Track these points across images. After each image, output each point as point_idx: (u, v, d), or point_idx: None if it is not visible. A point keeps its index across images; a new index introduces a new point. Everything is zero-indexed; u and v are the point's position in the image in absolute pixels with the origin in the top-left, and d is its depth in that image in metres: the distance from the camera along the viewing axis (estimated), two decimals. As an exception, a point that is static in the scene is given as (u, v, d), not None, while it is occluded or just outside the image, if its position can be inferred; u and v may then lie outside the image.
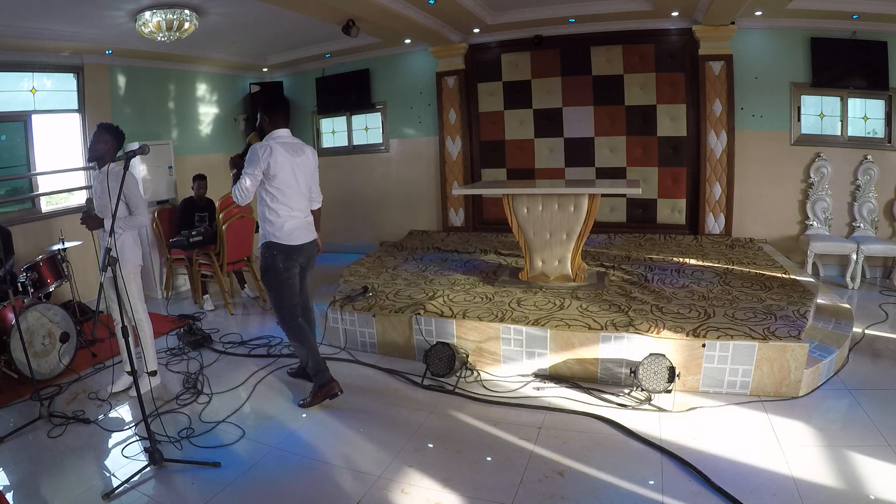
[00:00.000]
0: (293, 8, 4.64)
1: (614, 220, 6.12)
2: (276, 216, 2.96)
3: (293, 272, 3.05)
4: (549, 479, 2.32)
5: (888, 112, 5.19)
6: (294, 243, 3.00)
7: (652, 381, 2.88)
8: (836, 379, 3.09)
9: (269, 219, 2.98)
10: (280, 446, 2.66)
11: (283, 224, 2.96)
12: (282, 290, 3.02)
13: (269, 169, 2.87)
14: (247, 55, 6.74)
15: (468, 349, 3.45)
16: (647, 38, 5.69)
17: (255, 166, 2.85)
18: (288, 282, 3.02)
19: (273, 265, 3.00)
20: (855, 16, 4.78)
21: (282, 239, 2.97)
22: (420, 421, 2.86)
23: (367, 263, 5.21)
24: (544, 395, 3.07)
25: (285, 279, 3.01)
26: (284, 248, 2.98)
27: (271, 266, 3.00)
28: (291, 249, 3.00)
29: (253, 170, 2.85)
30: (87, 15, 4.40)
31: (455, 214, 6.72)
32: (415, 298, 3.94)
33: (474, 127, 6.55)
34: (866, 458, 2.32)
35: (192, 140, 6.65)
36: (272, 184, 2.91)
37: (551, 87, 6.13)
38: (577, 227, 4.05)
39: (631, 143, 5.94)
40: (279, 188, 2.92)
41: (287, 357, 3.77)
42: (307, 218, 3.12)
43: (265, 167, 2.86)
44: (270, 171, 2.87)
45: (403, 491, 2.28)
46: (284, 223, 2.96)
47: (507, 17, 5.69)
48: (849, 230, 5.35)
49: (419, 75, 6.68)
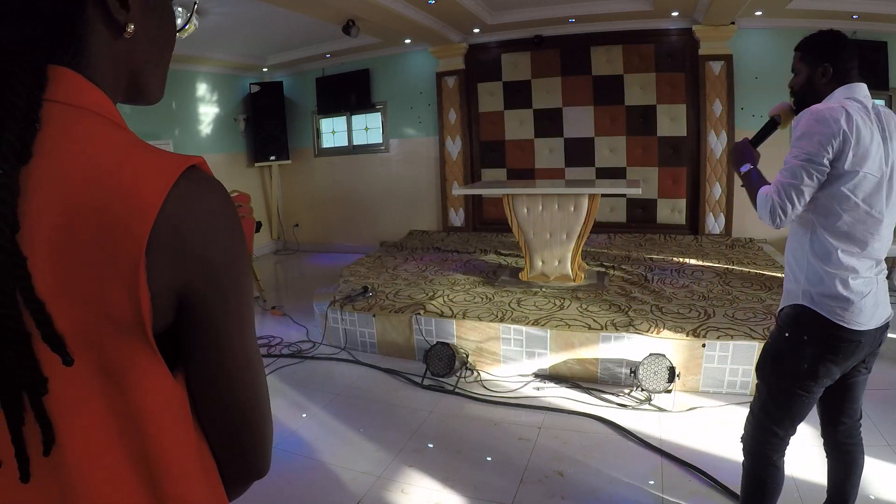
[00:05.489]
0: (293, 8, 4.64)
1: (614, 220, 6.12)
2: (828, 260, 1.52)
3: (824, 382, 1.57)
4: (549, 479, 2.32)
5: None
6: (851, 325, 1.50)
7: (652, 381, 2.88)
8: (837, 379, 3.08)
9: (812, 261, 1.55)
10: (280, 446, 2.66)
11: (839, 279, 1.50)
12: (784, 408, 1.61)
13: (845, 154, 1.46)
14: (247, 55, 6.74)
15: (468, 349, 3.46)
16: (647, 38, 5.68)
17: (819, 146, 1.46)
18: (804, 398, 1.58)
19: (791, 356, 1.57)
20: (855, 16, 4.78)
21: (827, 310, 1.51)
22: (420, 421, 2.86)
23: (367, 263, 5.21)
24: (544, 395, 3.07)
25: (804, 393, 1.57)
26: (827, 332, 1.52)
27: (787, 356, 1.59)
28: (840, 338, 1.51)
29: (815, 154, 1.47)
30: None
31: (455, 214, 6.72)
32: (415, 298, 3.94)
33: (474, 127, 6.55)
34: (866, 458, 2.31)
35: (192, 140, 6.65)
36: (844, 186, 1.48)
37: (551, 87, 6.13)
38: (577, 227, 4.05)
39: (631, 143, 5.94)
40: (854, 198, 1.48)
41: (287, 357, 3.77)
42: (883, 270, 1.59)
43: (838, 148, 1.46)
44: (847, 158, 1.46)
45: (403, 491, 2.28)
46: (844, 278, 1.50)
47: (507, 17, 5.69)
48: (849, 230, 5.34)
49: (419, 75, 6.68)
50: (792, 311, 1.61)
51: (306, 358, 3.77)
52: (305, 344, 3.99)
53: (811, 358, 1.55)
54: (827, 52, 1.63)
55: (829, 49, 1.64)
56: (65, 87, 0.52)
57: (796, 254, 1.63)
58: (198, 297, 0.53)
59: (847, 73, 1.62)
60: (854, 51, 1.63)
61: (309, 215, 7.69)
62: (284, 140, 7.32)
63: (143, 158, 0.50)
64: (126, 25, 0.56)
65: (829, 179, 1.50)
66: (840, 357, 1.55)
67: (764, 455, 1.66)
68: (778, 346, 1.63)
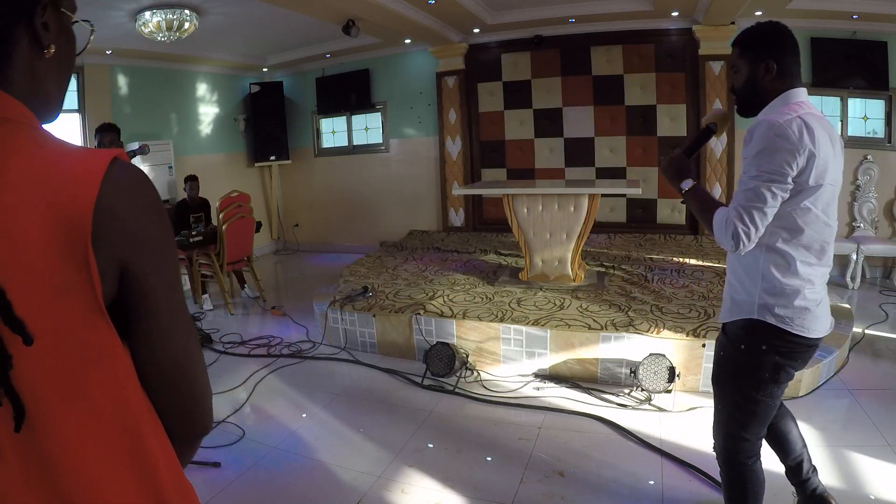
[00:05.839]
0: (293, 8, 4.64)
1: (614, 220, 6.12)
2: (787, 270, 1.49)
3: (783, 388, 1.61)
4: (549, 479, 2.32)
5: (888, 112, 5.18)
6: (809, 334, 1.52)
7: (652, 381, 2.88)
8: (836, 379, 3.09)
9: (769, 272, 1.51)
10: (280, 446, 2.66)
11: (797, 290, 1.49)
12: (751, 416, 1.61)
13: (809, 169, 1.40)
14: (247, 55, 6.74)
15: (468, 349, 3.46)
16: (647, 38, 5.69)
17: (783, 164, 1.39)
18: (768, 403, 1.59)
19: (752, 367, 1.56)
20: (855, 16, 4.78)
21: (788, 321, 1.50)
22: (420, 421, 2.86)
23: (367, 263, 5.21)
24: (544, 395, 3.07)
25: (767, 398, 1.58)
26: (787, 342, 1.52)
27: (747, 368, 1.57)
28: (798, 345, 1.53)
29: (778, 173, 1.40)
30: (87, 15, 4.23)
31: (455, 214, 6.72)
32: (415, 298, 3.94)
33: (474, 127, 6.55)
34: (866, 458, 2.32)
35: (192, 140, 6.65)
36: (806, 200, 1.44)
37: (551, 87, 6.13)
38: (577, 227, 4.05)
39: (631, 143, 5.94)
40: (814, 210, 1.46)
41: (287, 357, 3.77)
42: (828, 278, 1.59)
43: (802, 165, 1.40)
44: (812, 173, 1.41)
45: (403, 491, 2.29)
46: (802, 289, 1.49)
47: (507, 17, 5.69)
48: (849, 230, 5.35)
49: (419, 75, 6.68)
50: (747, 325, 1.55)
51: (306, 358, 3.77)
52: (305, 344, 3.99)
53: (772, 366, 1.53)
54: (769, 46, 1.49)
55: (771, 43, 1.49)
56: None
57: (748, 267, 1.55)
58: (136, 267, 0.60)
59: (791, 69, 1.50)
60: (797, 44, 1.51)
61: (309, 215, 7.69)
62: (284, 140, 7.32)
63: (75, 157, 0.58)
64: (48, 46, 0.63)
65: (791, 194, 1.43)
66: (799, 362, 1.57)
67: (740, 462, 1.64)
68: (735, 360, 1.60)
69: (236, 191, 5.10)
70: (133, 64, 5.75)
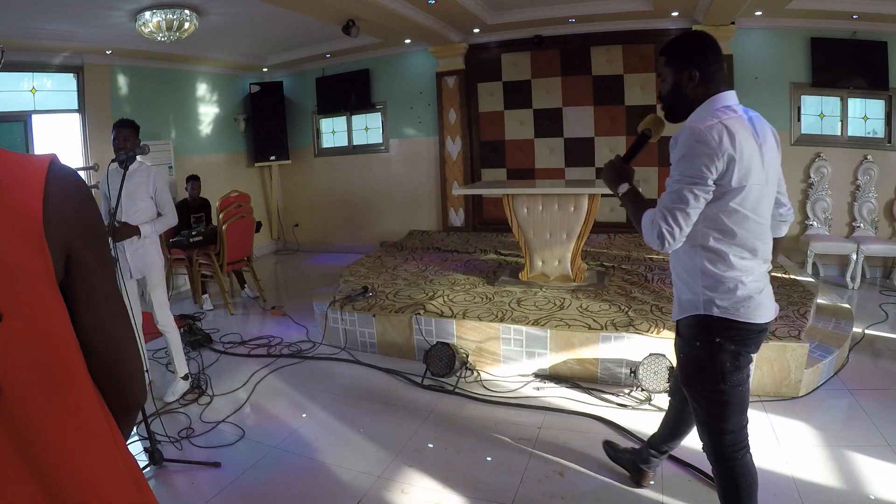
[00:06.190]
0: (293, 8, 4.64)
1: (614, 220, 6.12)
2: (723, 265, 1.58)
3: (747, 372, 1.66)
4: (549, 479, 2.32)
5: (888, 112, 5.18)
6: (756, 320, 1.60)
7: (652, 381, 2.88)
8: (836, 379, 3.09)
9: (706, 269, 1.60)
10: (280, 446, 2.66)
11: (737, 281, 1.58)
12: (725, 406, 1.64)
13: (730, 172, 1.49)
14: (247, 55, 6.74)
15: (468, 349, 3.46)
16: (647, 38, 5.68)
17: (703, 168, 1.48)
18: (738, 390, 1.64)
19: (711, 360, 1.62)
20: (855, 16, 4.78)
21: (733, 311, 1.58)
22: (420, 421, 2.86)
23: (367, 263, 5.21)
24: (544, 395, 3.07)
25: (735, 386, 1.62)
26: (738, 330, 1.60)
27: (708, 362, 1.63)
28: (749, 332, 1.61)
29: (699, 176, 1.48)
30: (87, 15, 4.40)
31: (455, 214, 6.72)
32: (415, 298, 3.94)
33: (474, 127, 6.55)
34: (866, 458, 2.32)
35: (192, 140, 6.65)
36: (732, 202, 1.53)
37: (551, 87, 6.13)
38: (577, 227, 4.05)
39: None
40: (742, 211, 1.54)
41: (287, 357, 3.77)
42: (769, 266, 1.69)
43: (723, 168, 1.48)
44: (733, 176, 1.49)
45: (403, 491, 2.29)
46: (740, 280, 1.58)
47: (507, 17, 5.69)
48: (849, 230, 5.35)
49: (419, 75, 6.68)
50: (696, 321, 1.64)
51: (306, 358, 3.77)
52: (305, 344, 3.99)
53: (729, 355, 1.61)
54: (692, 55, 1.58)
55: (694, 52, 1.59)
56: None
57: (686, 266, 1.65)
58: (78, 252, 0.72)
59: (714, 76, 1.58)
60: (720, 52, 1.60)
61: (309, 215, 7.69)
62: (284, 140, 7.32)
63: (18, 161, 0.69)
64: None
65: (716, 196, 1.51)
66: (753, 346, 1.65)
67: (729, 456, 1.67)
68: (695, 358, 1.67)
69: (236, 191, 5.11)
70: (133, 64, 5.75)
